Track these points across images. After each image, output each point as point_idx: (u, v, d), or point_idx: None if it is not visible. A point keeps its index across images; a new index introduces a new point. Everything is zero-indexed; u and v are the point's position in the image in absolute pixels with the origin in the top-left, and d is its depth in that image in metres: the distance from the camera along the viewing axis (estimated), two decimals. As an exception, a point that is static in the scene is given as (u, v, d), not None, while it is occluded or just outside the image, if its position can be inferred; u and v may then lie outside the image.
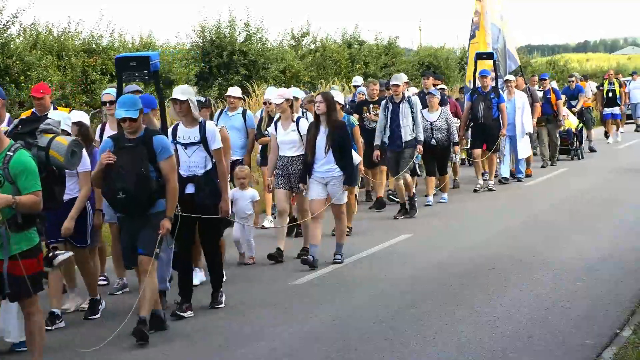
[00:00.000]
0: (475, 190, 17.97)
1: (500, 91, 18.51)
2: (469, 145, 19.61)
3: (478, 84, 18.85)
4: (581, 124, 24.55)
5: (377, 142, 15.26)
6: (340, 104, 13.14)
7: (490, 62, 19.68)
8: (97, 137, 10.57)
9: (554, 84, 23.82)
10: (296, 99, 12.80)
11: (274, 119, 12.32)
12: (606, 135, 28.88)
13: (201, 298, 9.85)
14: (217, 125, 10.35)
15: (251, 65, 27.92)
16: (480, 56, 20.14)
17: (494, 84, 18.42)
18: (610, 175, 20.38)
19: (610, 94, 28.63)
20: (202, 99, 10.69)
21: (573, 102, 25.31)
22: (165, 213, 8.43)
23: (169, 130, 9.48)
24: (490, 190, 18.07)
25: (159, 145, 8.43)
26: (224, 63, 27.73)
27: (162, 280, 9.05)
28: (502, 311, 8.98)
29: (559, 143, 22.86)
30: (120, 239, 9.12)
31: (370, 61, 33.99)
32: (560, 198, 17.19)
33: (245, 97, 22.46)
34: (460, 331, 8.32)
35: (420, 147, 15.09)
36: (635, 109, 31.81)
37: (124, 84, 10.07)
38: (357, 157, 12.68)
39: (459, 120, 18.41)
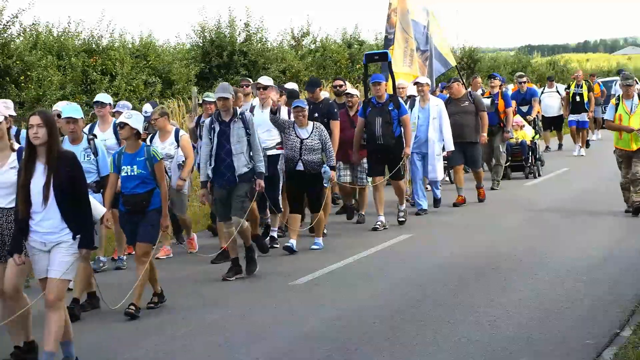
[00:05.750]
0: (374, 229, 13.98)
1: (400, 100, 14.64)
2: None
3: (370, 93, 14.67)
4: (537, 135, 20.88)
5: (202, 178, 11.29)
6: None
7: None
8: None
9: (510, 88, 20.68)
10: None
11: None
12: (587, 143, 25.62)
13: (203, 296, 9.84)
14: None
15: (251, 66, 27.91)
16: (370, 58, 16.04)
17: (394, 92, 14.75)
18: (610, 175, 20.35)
19: (577, 98, 24.82)
20: None
21: (524, 109, 21.38)
22: None
23: None
24: (401, 222, 14.36)
25: None
26: (224, 63, 27.74)
27: None
28: (502, 311, 8.98)
29: (504, 162, 18.81)
30: None
31: (371, 61, 33.95)
32: (560, 198, 17.17)
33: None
34: (460, 331, 8.32)
35: (260, 182, 11.07)
36: None
37: None
38: (99, 209, 8.48)
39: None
